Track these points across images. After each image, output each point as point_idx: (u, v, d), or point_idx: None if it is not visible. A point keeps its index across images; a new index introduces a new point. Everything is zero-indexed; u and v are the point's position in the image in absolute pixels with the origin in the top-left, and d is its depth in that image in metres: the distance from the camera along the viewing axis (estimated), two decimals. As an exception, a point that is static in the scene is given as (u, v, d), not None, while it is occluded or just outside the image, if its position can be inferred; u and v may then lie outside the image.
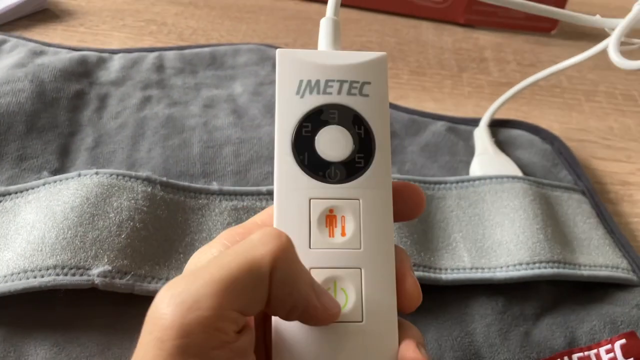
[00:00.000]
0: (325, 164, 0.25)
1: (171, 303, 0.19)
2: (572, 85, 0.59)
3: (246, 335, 0.21)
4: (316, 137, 0.25)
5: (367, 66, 0.26)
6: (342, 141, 0.25)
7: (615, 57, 0.37)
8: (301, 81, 0.26)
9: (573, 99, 0.57)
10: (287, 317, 0.22)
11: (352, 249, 0.24)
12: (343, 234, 0.25)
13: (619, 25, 0.37)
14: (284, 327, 0.23)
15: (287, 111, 0.26)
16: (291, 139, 0.25)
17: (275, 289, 0.21)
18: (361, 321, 0.24)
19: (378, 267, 0.25)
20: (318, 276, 0.24)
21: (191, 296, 0.19)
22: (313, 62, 0.26)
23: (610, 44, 0.37)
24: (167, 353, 0.19)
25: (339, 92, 0.26)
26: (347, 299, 0.24)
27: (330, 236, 0.25)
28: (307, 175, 0.25)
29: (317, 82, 0.26)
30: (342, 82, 0.26)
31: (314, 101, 0.26)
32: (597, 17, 0.39)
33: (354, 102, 0.26)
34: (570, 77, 0.60)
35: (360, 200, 0.25)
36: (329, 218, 0.25)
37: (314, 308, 0.22)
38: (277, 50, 0.26)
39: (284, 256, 0.21)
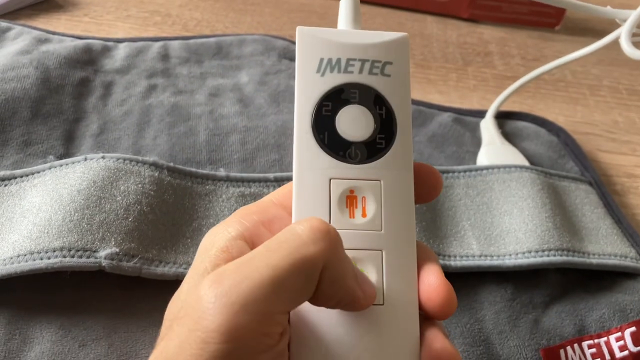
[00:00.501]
0: (346, 144, 0.25)
1: (218, 304, 0.18)
2: (577, 80, 0.59)
3: (287, 334, 0.21)
4: (337, 117, 0.25)
5: (389, 46, 0.26)
6: (363, 121, 0.25)
7: (627, 48, 0.36)
8: (322, 59, 0.25)
9: (577, 93, 0.57)
10: (328, 307, 0.22)
11: (373, 230, 0.24)
12: (364, 215, 0.24)
13: (632, 16, 0.37)
14: (302, 312, 0.23)
15: (307, 89, 0.25)
16: (311, 117, 0.25)
17: (323, 285, 0.20)
18: (382, 304, 0.23)
19: (399, 249, 0.24)
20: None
21: (240, 298, 0.18)
22: (334, 41, 0.26)
23: (622, 34, 0.37)
24: (209, 355, 0.18)
25: (361, 71, 0.25)
26: None
27: (350, 217, 0.24)
28: (327, 155, 0.24)
29: (338, 60, 0.25)
30: (363, 61, 0.25)
31: (335, 80, 0.25)
32: (608, 8, 0.38)
33: (376, 82, 0.25)
34: (575, 72, 0.60)
35: (382, 182, 0.25)
36: (350, 199, 0.24)
37: (358, 299, 0.22)
38: (298, 28, 0.26)
39: (336, 255, 0.21)
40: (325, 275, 0.20)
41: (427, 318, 0.24)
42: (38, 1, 0.57)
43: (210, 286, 0.19)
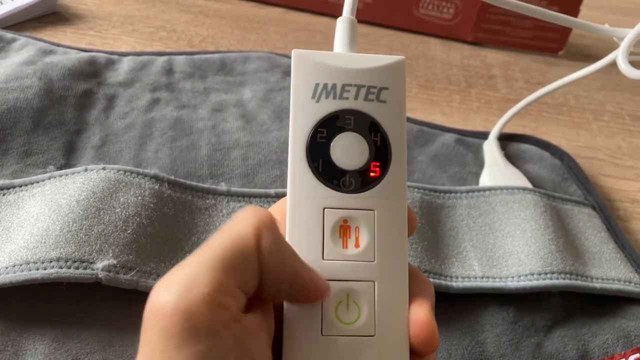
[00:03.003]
0: (340, 172, 0.24)
1: (170, 291, 0.19)
2: (580, 105, 0.59)
3: (255, 315, 0.21)
4: (331, 144, 0.25)
5: (385, 71, 0.26)
6: (358, 149, 0.25)
7: (624, 66, 0.36)
8: (317, 84, 0.25)
9: (580, 118, 0.57)
10: (277, 297, 0.22)
11: (366, 261, 0.24)
12: (357, 245, 0.24)
13: (629, 34, 0.37)
14: (295, 339, 0.23)
15: (302, 116, 0.25)
16: (306, 145, 0.25)
17: (264, 260, 0.21)
18: (373, 335, 0.23)
19: (392, 280, 0.24)
20: (331, 288, 0.24)
21: (187, 278, 0.19)
22: (330, 65, 0.25)
23: (619, 53, 0.37)
24: (176, 340, 0.18)
25: (356, 98, 0.25)
26: (359, 313, 0.24)
27: (343, 247, 0.24)
28: (321, 184, 0.24)
29: (334, 86, 0.25)
30: (359, 86, 0.25)
31: (330, 106, 0.25)
32: (606, 26, 0.38)
33: (371, 108, 0.25)
34: (578, 97, 0.60)
35: (375, 211, 0.24)
36: (343, 228, 0.24)
37: (303, 281, 0.22)
38: (293, 51, 0.26)
39: (266, 227, 0.21)
40: (262, 247, 0.21)
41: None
42: (44, 14, 0.58)
43: (159, 285, 0.20)
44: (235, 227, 0.21)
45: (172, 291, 0.19)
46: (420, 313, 0.24)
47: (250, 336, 0.20)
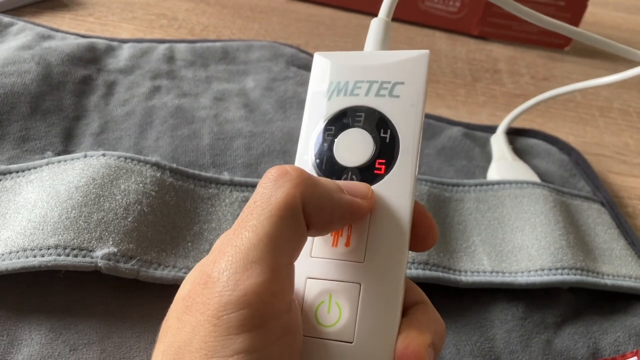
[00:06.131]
0: (340, 169, 0.24)
1: (224, 275, 0.18)
2: (587, 101, 0.58)
3: (295, 309, 0.21)
4: (336, 141, 0.24)
5: (403, 65, 0.25)
6: (362, 145, 0.24)
7: None
8: (331, 83, 0.25)
9: (587, 114, 0.56)
10: (337, 229, 0.23)
11: (354, 261, 0.23)
12: (347, 244, 0.23)
13: None
14: None
15: (313, 114, 0.25)
16: (313, 142, 0.25)
17: (314, 215, 0.21)
18: (351, 342, 0.22)
19: (380, 285, 0.22)
20: (313, 287, 0.23)
21: (242, 263, 0.19)
22: (345, 64, 0.25)
23: None
24: (225, 327, 0.18)
25: (367, 94, 0.25)
26: (340, 316, 0.22)
27: (333, 245, 0.23)
28: None
29: (346, 83, 0.25)
30: (371, 82, 0.25)
31: (339, 103, 0.25)
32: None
33: (381, 104, 0.24)
34: (584, 93, 0.59)
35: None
36: None
37: (355, 205, 0.22)
38: (315, 54, 0.26)
39: (306, 186, 0.21)
40: (310, 207, 0.20)
41: None
42: (43, -1, 0.56)
43: (214, 264, 0.19)
44: (271, 198, 0.20)
45: (227, 276, 0.18)
46: (413, 333, 0.21)
47: (293, 331, 0.20)
